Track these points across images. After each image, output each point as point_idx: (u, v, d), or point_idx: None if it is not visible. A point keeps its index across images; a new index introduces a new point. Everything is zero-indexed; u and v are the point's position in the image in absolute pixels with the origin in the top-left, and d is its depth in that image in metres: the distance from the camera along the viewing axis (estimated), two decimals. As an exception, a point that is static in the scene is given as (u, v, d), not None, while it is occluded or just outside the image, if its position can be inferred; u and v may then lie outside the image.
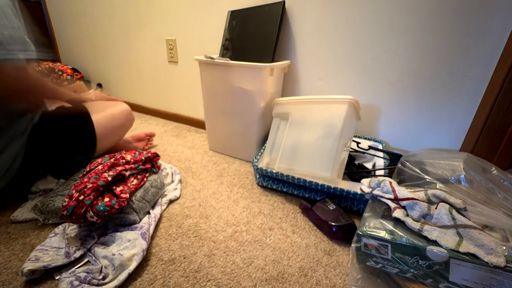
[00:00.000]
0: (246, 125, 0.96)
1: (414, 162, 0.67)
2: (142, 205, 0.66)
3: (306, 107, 0.79)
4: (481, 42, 0.71)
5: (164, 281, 0.52)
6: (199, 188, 0.84)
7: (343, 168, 0.76)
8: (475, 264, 0.40)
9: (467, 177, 0.58)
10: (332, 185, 0.70)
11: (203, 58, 0.92)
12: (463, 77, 0.76)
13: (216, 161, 1.02)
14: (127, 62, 1.54)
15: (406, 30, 0.79)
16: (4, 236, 0.62)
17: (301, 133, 0.78)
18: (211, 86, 0.97)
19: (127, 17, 1.39)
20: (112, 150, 0.90)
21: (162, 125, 1.41)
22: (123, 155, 0.75)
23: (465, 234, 0.43)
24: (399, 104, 0.88)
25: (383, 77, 0.87)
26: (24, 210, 0.68)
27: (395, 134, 0.93)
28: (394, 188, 0.55)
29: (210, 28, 1.13)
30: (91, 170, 0.67)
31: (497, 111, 0.69)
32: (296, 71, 1.01)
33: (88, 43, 1.68)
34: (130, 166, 0.72)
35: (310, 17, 0.91)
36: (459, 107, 0.79)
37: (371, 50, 0.86)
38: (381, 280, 0.50)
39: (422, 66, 0.80)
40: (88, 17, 1.57)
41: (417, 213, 0.49)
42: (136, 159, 0.74)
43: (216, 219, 0.70)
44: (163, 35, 1.30)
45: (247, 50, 0.96)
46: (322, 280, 0.54)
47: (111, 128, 0.83)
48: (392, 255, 0.45)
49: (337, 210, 0.67)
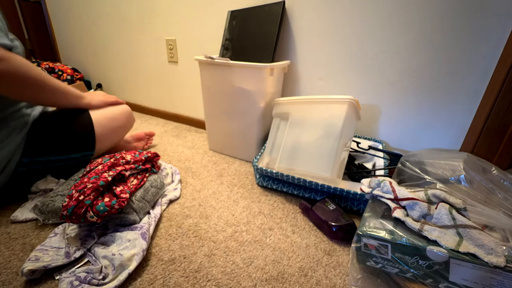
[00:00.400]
0: (246, 125, 0.96)
1: (414, 162, 0.67)
2: (142, 205, 0.66)
3: (306, 107, 0.79)
4: (481, 42, 0.71)
5: (164, 281, 0.52)
6: (199, 188, 0.84)
7: (343, 168, 0.76)
8: (475, 264, 0.40)
9: (467, 177, 0.58)
10: (332, 185, 0.70)
11: (203, 58, 0.92)
12: (463, 77, 0.76)
13: (216, 161, 1.02)
14: (127, 62, 1.54)
15: (406, 30, 0.79)
16: (4, 236, 0.62)
17: (301, 133, 0.78)
18: (211, 86, 0.97)
19: (127, 17, 1.39)
20: (112, 150, 0.90)
21: (162, 125, 1.41)
22: (123, 155, 0.75)
23: (465, 234, 0.43)
24: (399, 104, 0.88)
25: (383, 77, 0.87)
26: (24, 210, 0.68)
27: (395, 134, 0.93)
28: (394, 188, 0.55)
29: (210, 28, 1.13)
30: (91, 170, 0.67)
31: (497, 111, 0.69)
32: (296, 71, 1.01)
33: (88, 43, 1.68)
34: (130, 166, 0.72)
35: (310, 17, 0.91)
36: (459, 107, 0.79)
37: (371, 50, 0.86)
38: (381, 280, 0.50)
39: (422, 66, 0.80)
40: (88, 17, 1.57)
41: (417, 213, 0.49)
42: (136, 159, 0.74)
43: (216, 219, 0.70)
44: (163, 35, 1.30)
45: (247, 50, 0.96)
46: (322, 280, 0.54)
47: (111, 129, 0.83)
48: (392, 255, 0.45)
49: (337, 210, 0.67)
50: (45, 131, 0.71)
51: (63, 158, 0.75)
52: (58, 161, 0.74)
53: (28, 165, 0.70)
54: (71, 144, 0.75)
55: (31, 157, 0.69)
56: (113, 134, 0.85)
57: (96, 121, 0.78)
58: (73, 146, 0.75)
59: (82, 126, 0.76)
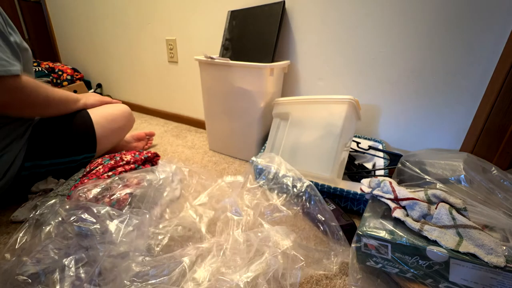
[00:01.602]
0: (246, 125, 0.96)
1: (414, 162, 0.67)
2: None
3: (306, 107, 0.79)
4: (481, 42, 0.71)
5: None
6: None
7: (343, 168, 0.76)
8: (475, 264, 0.40)
9: (467, 177, 0.58)
10: (332, 185, 0.70)
11: (203, 58, 0.92)
12: (463, 77, 0.76)
13: (216, 161, 1.02)
14: (127, 62, 1.54)
15: (406, 30, 0.79)
16: (4, 236, 0.62)
17: (301, 133, 0.78)
18: (211, 86, 0.97)
19: (127, 17, 1.40)
20: (112, 150, 0.90)
21: (162, 125, 1.41)
22: (122, 156, 0.75)
23: (465, 234, 0.43)
24: (399, 104, 0.88)
25: (383, 77, 0.87)
26: (24, 210, 0.68)
27: (395, 134, 0.93)
28: (394, 188, 0.55)
29: (210, 28, 1.13)
30: (91, 170, 0.67)
31: (497, 111, 0.69)
32: (296, 71, 1.01)
33: (88, 43, 1.68)
34: (130, 166, 0.72)
35: (310, 17, 0.91)
36: (459, 107, 0.79)
37: (371, 50, 0.86)
38: (381, 280, 0.50)
39: (422, 66, 0.80)
40: (88, 17, 1.57)
41: (417, 213, 0.49)
42: (136, 159, 0.74)
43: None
44: (163, 35, 1.30)
45: (247, 50, 0.96)
46: (322, 280, 0.54)
47: (112, 130, 0.83)
48: (392, 255, 0.45)
49: (337, 210, 0.67)
50: (46, 135, 0.71)
51: (65, 160, 0.75)
52: (60, 163, 0.74)
53: (30, 169, 0.70)
54: (73, 146, 0.75)
55: (34, 161, 0.69)
56: (113, 135, 0.85)
57: (97, 122, 0.78)
58: (75, 148, 0.75)
59: (83, 128, 0.76)
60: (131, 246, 0.52)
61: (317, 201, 0.65)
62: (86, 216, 0.55)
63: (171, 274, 0.47)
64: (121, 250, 0.51)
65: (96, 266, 0.51)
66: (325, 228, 0.65)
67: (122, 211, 0.62)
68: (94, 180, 0.61)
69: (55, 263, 0.52)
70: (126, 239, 0.52)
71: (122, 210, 0.62)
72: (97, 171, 0.67)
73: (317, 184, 0.71)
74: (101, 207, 0.55)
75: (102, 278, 0.50)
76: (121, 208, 0.60)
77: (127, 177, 0.69)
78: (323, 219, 0.65)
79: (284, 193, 0.69)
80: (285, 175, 0.70)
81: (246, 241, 0.55)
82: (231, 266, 0.50)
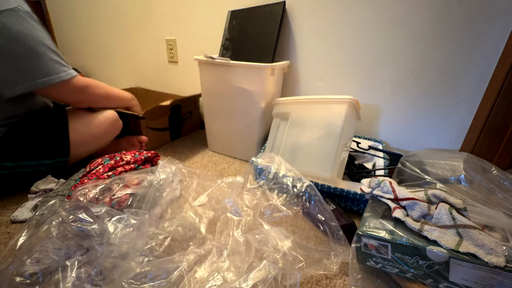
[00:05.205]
0: (246, 125, 0.96)
1: (414, 162, 0.67)
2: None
3: (306, 107, 0.79)
4: (481, 42, 0.71)
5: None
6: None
7: (343, 168, 0.76)
8: (475, 264, 0.40)
9: (467, 177, 0.58)
10: (332, 185, 0.70)
11: (203, 58, 0.92)
12: (463, 77, 0.76)
13: (216, 161, 1.02)
14: (127, 62, 1.54)
15: (406, 30, 0.79)
16: (4, 236, 0.62)
17: (301, 133, 0.78)
18: (211, 86, 0.97)
19: (127, 17, 1.39)
20: (112, 150, 0.90)
21: (162, 125, 1.41)
22: (122, 156, 0.75)
23: (465, 234, 0.43)
24: (399, 104, 0.88)
25: (383, 77, 0.87)
26: (24, 210, 0.68)
27: (395, 134, 0.93)
28: (394, 188, 0.55)
29: (210, 28, 1.13)
30: (91, 170, 0.67)
31: (497, 111, 0.69)
32: (296, 71, 1.01)
33: (88, 43, 1.68)
34: (130, 166, 0.72)
35: (310, 17, 0.91)
36: (459, 107, 0.79)
37: (371, 50, 0.86)
38: (381, 280, 0.50)
39: (422, 66, 0.80)
40: (88, 17, 1.57)
41: (417, 213, 0.49)
42: (136, 159, 0.74)
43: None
44: (163, 35, 1.30)
45: (247, 50, 0.96)
46: (322, 280, 0.54)
47: (91, 135, 0.81)
48: (392, 255, 0.45)
49: (337, 210, 0.67)
50: (15, 135, 0.70)
51: (33, 164, 0.73)
52: (27, 166, 0.73)
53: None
54: (42, 150, 0.73)
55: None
56: (93, 140, 0.83)
57: (73, 127, 0.77)
58: (45, 152, 0.74)
59: (55, 132, 0.75)
60: (131, 246, 0.52)
61: (317, 201, 0.65)
62: (86, 216, 0.55)
63: (169, 278, 0.47)
64: (121, 250, 0.51)
65: (96, 266, 0.51)
66: (325, 228, 0.65)
67: (122, 211, 0.62)
68: (94, 180, 0.61)
69: (55, 263, 0.52)
70: (126, 239, 0.52)
71: (122, 210, 0.62)
72: (97, 171, 0.67)
73: (317, 184, 0.71)
74: (101, 207, 0.55)
75: (102, 278, 0.50)
76: (121, 208, 0.60)
77: (127, 177, 0.69)
78: (323, 219, 0.65)
79: (284, 193, 0.69)
80: (285, 175, 0.70)
81: (245, 243, 0.55)
82: (231, 271, 0.50)
